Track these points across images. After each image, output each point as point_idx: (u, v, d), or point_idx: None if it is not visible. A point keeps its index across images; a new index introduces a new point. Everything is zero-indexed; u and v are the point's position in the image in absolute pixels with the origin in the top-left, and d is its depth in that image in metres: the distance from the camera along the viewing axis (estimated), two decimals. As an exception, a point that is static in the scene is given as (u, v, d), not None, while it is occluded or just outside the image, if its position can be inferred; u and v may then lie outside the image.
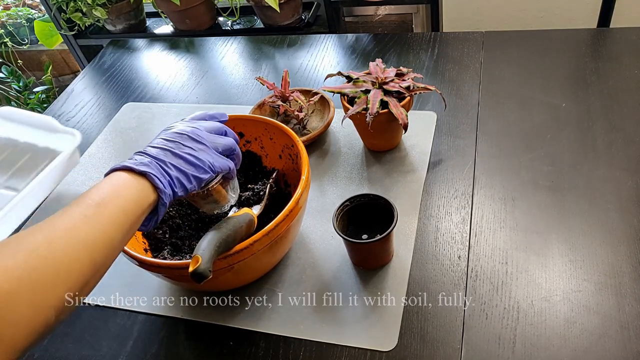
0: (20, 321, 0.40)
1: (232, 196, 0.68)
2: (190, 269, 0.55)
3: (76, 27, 1.70)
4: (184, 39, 1.39)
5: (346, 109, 0.83)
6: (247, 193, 0.74)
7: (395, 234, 0.75)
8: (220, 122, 0.66)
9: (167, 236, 0.75)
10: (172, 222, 0.77)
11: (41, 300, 0.42)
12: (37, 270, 0.42)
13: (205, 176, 0.58)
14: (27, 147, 1.00)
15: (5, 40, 2.15)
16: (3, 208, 0.80)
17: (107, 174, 0.54)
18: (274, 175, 0.76)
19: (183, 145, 0.57)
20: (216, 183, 0.62)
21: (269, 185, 0.74)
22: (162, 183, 0.54)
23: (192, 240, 0.76)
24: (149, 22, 1.76)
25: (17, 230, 0.87)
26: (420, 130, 0.91)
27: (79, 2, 1.60)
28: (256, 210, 0.70)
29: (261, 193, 0.73)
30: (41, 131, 0.99)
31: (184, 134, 0.59)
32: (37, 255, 0.43)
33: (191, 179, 0.56)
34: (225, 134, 0.64)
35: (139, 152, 0.56)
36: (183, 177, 0.56)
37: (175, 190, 0.55)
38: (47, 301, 0.42)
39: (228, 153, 0.63)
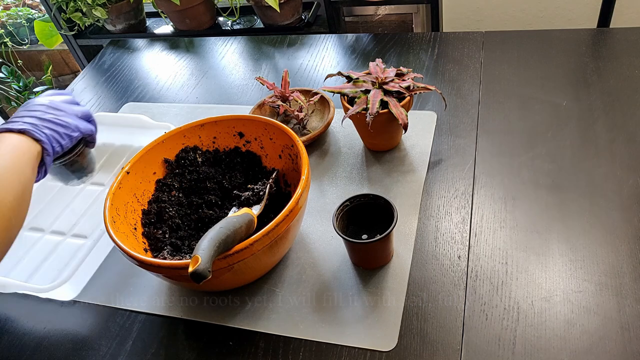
0: None
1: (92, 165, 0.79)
2: (190, 269, 0.55)
3: (76, 27, 1.70)
4: (184, 39, 1.39)
5: (346, 109, 0.83)
6: (247, 193, 0.74)
7: (395, 234, 0.75)
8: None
9: (167, 236, 0.75)
10: (172, 222, 0.77)
11: None
12: None
13: (75, 134, 0.67)
14: (125, 148, 1.03)
15: (5, 40, 2.15)
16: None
17: None
18: (273, 176, 0.76)
19: (47, 112, 0.66)
20: (80, 149, 0.73)
21: (268, 185, 0.74)
22: (40, 135, 0.62)
23: (191, 240, 0.76)
24: (149, 22, 1.76)
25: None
26: (420, 130, 0.91)
27: (79, 2, 1.60)
28: (256, 210, 0.70)
29: (261, 193, 0.73)
30: (135, 130, 1.02)
31: (44, 104, 0.67)
32: None
33: (63, 136, 0.65)
34: (78, 105, 0.72)
35: (7, 122, 0.64)
36: (56, 135, 0.64)
37: (53, 145, 0.63)
38: None
39: (86, 119, 0.71)
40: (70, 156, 0.76)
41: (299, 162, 0.72)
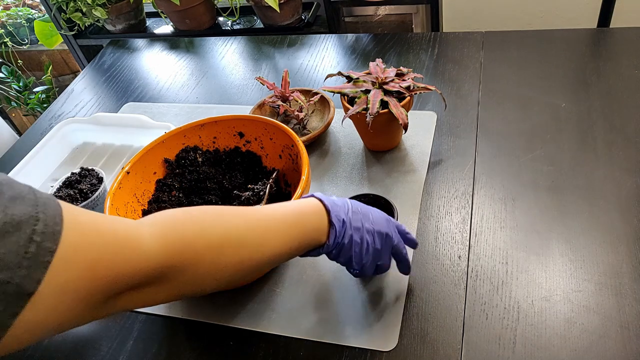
0: (201, 279, 0.48)
1: None
2: None
3: (76, 27, 1.70)
4: (184, 39, 1.39)
5: (346, 109, 0.83)
6: (247, 193, 0.74)
7: (395, 234, 0.75)
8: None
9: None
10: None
11: (216, 270, 0.49)
12: (225, 243, 0.49)
13: (370, 269, 0.61)
14: (125, 148, 1.03)
15: (5, 40, 2.15)
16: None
17: (311, 195, 0.59)
18: (273, 175, 0.76)
19: (373, 233, 0.60)
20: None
21: (269, 185, 0.74)
22: (334, 239, 0.56)
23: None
24: (149, 22, 1.76)
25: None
26: (420, 130, 0.91)
27: (79, 2, 1.60)
28: None
29: (261, 193, 0.73)
30: (135, 130, 1.02)
31: (387, 227, 0.61)
32: (238, 230, 0.50)
33: (370, 263, 0.60)
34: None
35: (345, 201, 0.60)
36: (357, 246, 0.58)
37: (334, 252, 0.58)
38: (218, 273, 0.49)
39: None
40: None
41: (299, 162, 0.72)
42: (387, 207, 0.68)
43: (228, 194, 0.80)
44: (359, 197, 0.70)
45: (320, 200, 0.57)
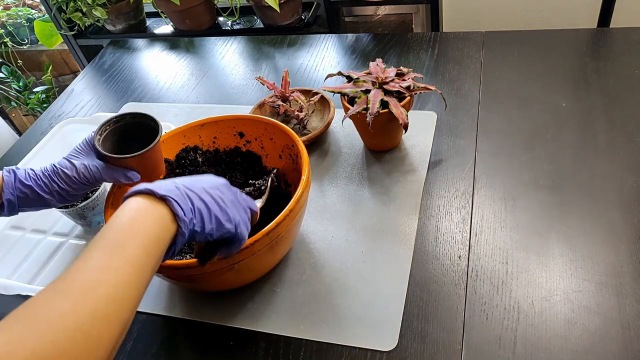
0: None
1: None
2: (195, 251, 0.56)
3: (76, 27, 1.70)
4: (184, 39, 1.39)
5: (346, 109, 0.83)
6: (248, 188, 0.74)
7: (395, 233, 0.75)
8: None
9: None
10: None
11: None
12: (67, 353, 0.37)
13: (228, 226, 0.53)
14: None
15: (5, 40, 2.15)
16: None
17: (127, 196, 0.50)
18: (274, 171, 0.76)
19: (217, 189, 0.54)
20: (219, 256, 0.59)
21: (270, 180, 0.74)
22: (182, 210, 0.49)
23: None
24: (149, 22, 1.76)
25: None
26: (420, 130, 0.91)
27: (79, 2, 1.60)
28: (258, 203, 0.70)
29: (262, 188, 0.73)
30: None
31: (223, 182, 0.57)
32: (65, 332, 0.38)
33: (212, 218, 0.52)
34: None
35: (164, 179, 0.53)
36: (205, 212, 0.51)
37: (194, 221, 0.50)
38: None
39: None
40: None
41: (300, 162, 0.72)
42: (154, 127, 0.66)
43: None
44: (122, 117, 0.67)
45: (136, 193, 0.50)
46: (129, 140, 0.67)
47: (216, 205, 0.53)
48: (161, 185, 0.50)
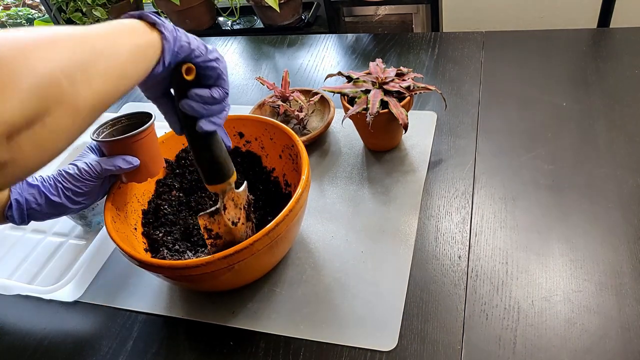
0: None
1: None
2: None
3: (76, 27, 1.70)
4: (184, 39, 1.38)
5: (346, 109, 0.83)
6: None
7: (395, 233, 0.75)
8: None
9: (167, 237, 0.75)
10: (170, 221, 0.77)
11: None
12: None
13: (207, 47, 0.55)
14: None
15: (5, 41, 2.15)
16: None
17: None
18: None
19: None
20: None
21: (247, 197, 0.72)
22: (161, 21, 0.50)
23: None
24: (149, 22, 1.76)
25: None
26: (420, 130, 0.91)
27: (79, 2, 1.60)
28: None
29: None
30: None
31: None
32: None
33: (199, 42, 0.54)
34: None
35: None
36: (191, 37, 0.53)
37: (176, 30, 0.51)
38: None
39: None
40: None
41: (299, 162, 0.72)
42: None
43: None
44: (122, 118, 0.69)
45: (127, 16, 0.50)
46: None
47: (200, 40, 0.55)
48: (149, 16, 0.51)
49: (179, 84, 0.55)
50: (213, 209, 0.65)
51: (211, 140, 0.60)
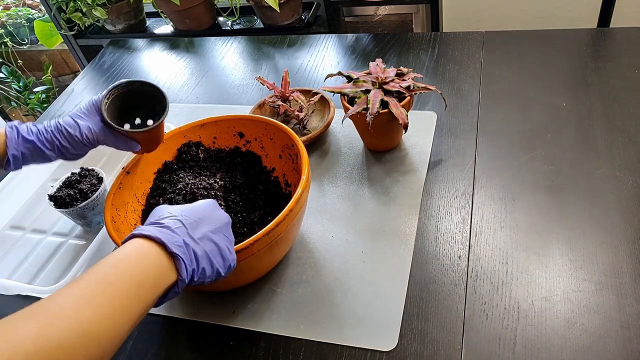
0: None
1: None
2: None
3: (76, 27, 1.70)
4: (184, 39, 1.39)
5: (346, 109, 0.83)
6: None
7: (395, 233, 0.75)
8: None
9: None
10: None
11: None
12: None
13: (225, 273, 0.54)
14: None
15: (5, 40, 2.15)
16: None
17: (132, 236, 0.49)
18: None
19: (221, 232, 0.55)
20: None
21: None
22: (186, 271, 0.49)
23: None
24: (149, 22, 1.76)
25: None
26: (420, 130, 0.91)
27: (79, 2, 1.60)
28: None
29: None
30: None
31: (227, 221, 0.57)
32: (23, 355, 0.36)
33: (214, 272, 0.53)
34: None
35: (176, 217, 0.52)
36: (209, 269, 0.52)
37: (195, 279, 0.51)
38: None
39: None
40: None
41: (299, 162, 0.72)
42: (153, 94, 0.67)
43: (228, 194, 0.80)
44: (115, 89, 0.67)
45: (146, 237, 0.49)
46: (134, 106, 0.68)
47: (219, 257, 0.53)
48: (171, 239, 0.49)
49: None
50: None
51: None
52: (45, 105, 2.09)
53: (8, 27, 2.17)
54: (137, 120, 0.69)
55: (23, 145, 0.62)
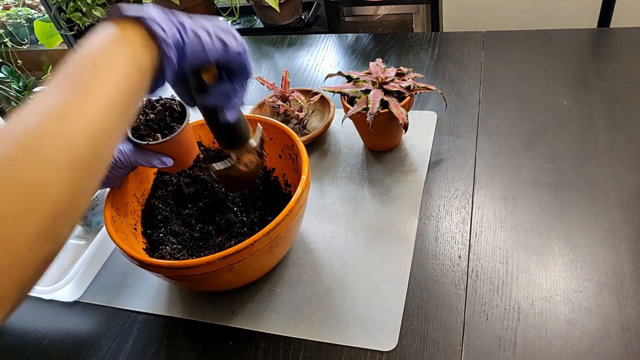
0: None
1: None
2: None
3: (76, 27, 1.70)
4: (184, 39, 1.38)
5: (346, 109, 0.83)
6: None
7: (395, 233, 0.75)
8: None
9: (168, 237, 0.75)
10: (169, 221, 0.77)
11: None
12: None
13: (235, 47, 0.46)
14: None
15: (5, 40, 2.15)
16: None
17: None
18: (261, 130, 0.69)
19: (210, 20, 0.47)
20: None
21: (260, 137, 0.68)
22: (162, 29, 0.41)
23: (191, 240, 0.76)
24: (149, 22, 1.76)
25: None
26: (420, 130, 0.91)
27: (79, 2, 1.60)
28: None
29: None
30: None
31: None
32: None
33: (214, 39, 0.45)
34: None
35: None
36: (203, 33, 0.44)
37: (189, 47, 0.43)
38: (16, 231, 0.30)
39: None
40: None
41: (299, 162, 0.72)
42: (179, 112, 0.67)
43: (228, 196, 0.80)
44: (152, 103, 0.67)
45: (120, 17, 0.41)
46: (164, 124, 0.68)
47: (218, 30, 0.46)
48: (135, 7, 0.41)
49: (198, 84, 0.51)
50: (227, 165, 0.63)
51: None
52: (45, 105, 2.08)
53: (8, 27, 2.17)
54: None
55: None
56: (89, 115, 0.35)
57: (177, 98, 0.66)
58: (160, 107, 0.68)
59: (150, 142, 0.65)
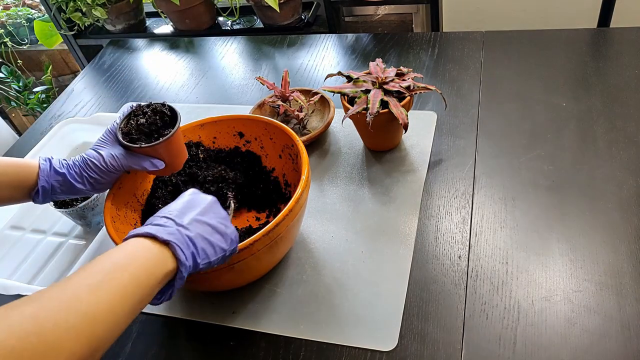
0: None
1: None
2: None
3: (76, 27, 1.70)
4: (183, 39, 1.39)
5: (346, 109, 0.83)
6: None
7: (395, 233, 0.75)
8: None
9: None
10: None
11: None
12: (15, 351, 0.36)
13: (229, 249, 0.56)
14: None
15: (5, 40, 2.15)
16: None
17: (126, 239, 0.51)
18: (233, 194, 0.78)
19: (211, 211, 0.56)
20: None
21: (232, 202, 0.75)
22: (184, 254, 0.50)
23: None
24: (149, 22, 1.76)
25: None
26: (420, 130, 0.91)
27: (79, 2, 1.60)
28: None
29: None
30: None
31: (212, 199, 0.58)
32: (19, 332, 0.37)
33: (217, 250, 0.54)
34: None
35: (164, 215, 0.54)
36: (209, 248, 0.53)
37: (198, 262, 0.52)
38: None
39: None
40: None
41: (299, 162, 0.72)
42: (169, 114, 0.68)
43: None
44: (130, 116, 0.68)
45: (137, 235, 0.51)
46: (156, 129, 0.69)
47: (217, 235, 0.55)
48: (161, 230, 0.51)
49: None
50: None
51: None
52: (45, 105, 2.09)
53: (8, 27, 2.16)
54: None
55: (54, 178, 0.64)
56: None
57: (168, 103, 0.69)
58: (150, 112, 0.68)
59: (142, 145, 0.66)
